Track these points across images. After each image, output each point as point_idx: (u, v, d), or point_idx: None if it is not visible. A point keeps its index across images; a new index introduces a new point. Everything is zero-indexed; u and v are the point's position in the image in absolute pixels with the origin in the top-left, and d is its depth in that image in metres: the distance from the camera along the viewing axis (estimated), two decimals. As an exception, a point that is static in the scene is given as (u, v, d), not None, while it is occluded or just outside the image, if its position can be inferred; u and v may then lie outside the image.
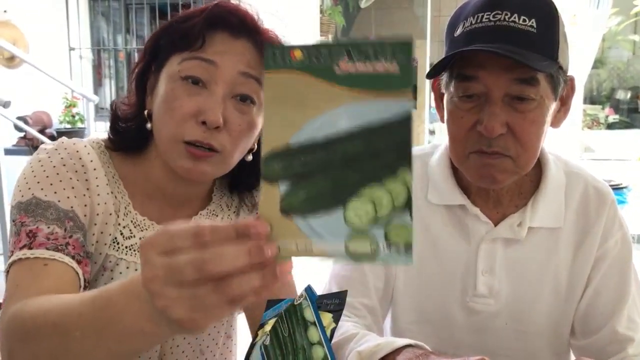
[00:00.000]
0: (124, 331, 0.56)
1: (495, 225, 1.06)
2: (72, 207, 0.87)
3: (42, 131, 4.85)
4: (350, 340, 0.98)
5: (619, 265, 1.06)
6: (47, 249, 0.82)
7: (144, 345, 0.59)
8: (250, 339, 1.02)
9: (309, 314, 0.68)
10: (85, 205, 0.89)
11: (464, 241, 1.08)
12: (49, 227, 0.84)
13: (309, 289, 0.70)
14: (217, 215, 1.05)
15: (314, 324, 0.67)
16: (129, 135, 0.97)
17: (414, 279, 1.10)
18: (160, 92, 0.90)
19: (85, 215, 0.89)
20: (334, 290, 1.09)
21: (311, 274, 0.70)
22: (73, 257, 0.84)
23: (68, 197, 0.87)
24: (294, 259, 0.50)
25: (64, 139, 0.95)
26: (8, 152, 4.01)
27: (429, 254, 1.10)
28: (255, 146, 0.98)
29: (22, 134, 4.80)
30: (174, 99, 0.87)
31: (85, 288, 0.85)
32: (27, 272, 0.80)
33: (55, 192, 0.87)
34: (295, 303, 0.70)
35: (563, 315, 1.07)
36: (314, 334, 0.67)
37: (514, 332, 1.07)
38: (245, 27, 0.90)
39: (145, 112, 0.95)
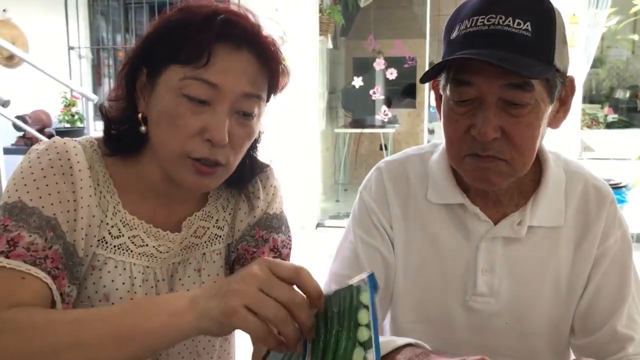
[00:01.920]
0: (152, 320, 0.70)
1: (495, 224, 1.06)
2: (54, 214, 0.87)
3: (41, 130, 4.85)
4: (350, 340, 0.98)
5: (619, 264, 1.06)
6: (25, 261, 0.81)
7: (162, 339, 0.71)
8: (249, 343, 1.01)
9: (365, 297, 0.69)
10: (69, 211, 0.89)
11: (464, 240, 1.08)
12: (30, 236, 0.83)
13: (372, 277, 0.71)
14: (212, 217, 1.04)
15: (367, 307, 0.69)
16: (125, 141, 0.95)
17: (414, 278, 1.10)
18: (161, 105, 0.89)
19: (67, 222, 0.89)
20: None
21: (314, 272, 0.69)
22: (49, 272, 0.83)
23: (52, 204, 0.87)
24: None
25: (56, 138, 0.94)
26: (7, 151, 4.01)
27: (429, 253, 1.10)
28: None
29: (21, 133, 4.81)
30: (177, 116, 0.87)
31: (62, 302, 0.86)
32: (4, 280, 0.80)
33: (40, 197, 0.86)
34: (355, 285, 0.71)
35: (563, 314, 1.07)
36: (364, 316, 0.68)
37: (514, 331, 1.07)
38: (246, 37, 0.89)
39: (140, 115, 0.93)
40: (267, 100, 0.98)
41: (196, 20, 0.88)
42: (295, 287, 0.69)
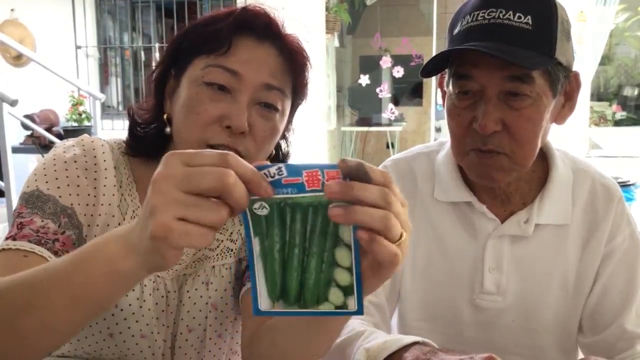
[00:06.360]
0: (94, 273, 0.59)
1: (502, 222, 1.05)
2: (72, 204, 0.87)
3: (49, 129, 4.87)
4: (357, 338, 0.98)
5: (627, 262, 1.05)
6: (30, 241, 0.81)
7: (111, 291, 0.61)
8: None
9: (347, 232, 0.55)
10: (87, 205, 0.89)
11: (471, 238, 1.07)
12: (42, 221, 0.84)
13: None
14: (227, 230, 1.03)
15: (349, 246, 0.55)
16: (148, 140, 0.96)
17: (421, 277, 1.10)
18: (183, 96, 0.89)
19: (85, 215, 0.89)
20: None
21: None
22: (56, 253, 0.83)
23: (70, 194, 0.88)
24: None
25: (85, 136, 0.95)
26: (15, 150, 4.02)
27: (436, 251, 1.09)
28: (273, 152, 0.99)
29: (29, 132, 4.82)
30: (198, 103, 0.87)
31: None
32: (7, 261, 0.80)
33: (58, 187, 0.87)
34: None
35: (571, 312, 1.07)
36: (344, 256, 0.55)
37: (521, 329, 1.07)
38: (270, 31, 0.90)
39: (165, 116, 0.94)
40: (294, 105, 0.98)
41: (219, 15, 0.91)
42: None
